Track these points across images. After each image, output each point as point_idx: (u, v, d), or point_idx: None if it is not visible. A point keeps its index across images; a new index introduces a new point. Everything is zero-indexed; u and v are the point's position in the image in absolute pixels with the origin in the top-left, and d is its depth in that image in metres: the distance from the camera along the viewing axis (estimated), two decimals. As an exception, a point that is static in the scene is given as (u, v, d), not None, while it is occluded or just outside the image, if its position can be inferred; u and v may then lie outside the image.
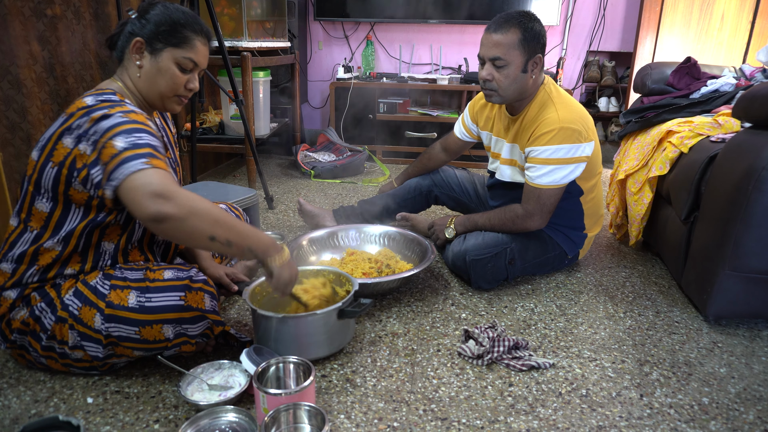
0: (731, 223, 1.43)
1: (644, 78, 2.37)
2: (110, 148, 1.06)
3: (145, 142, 1.08)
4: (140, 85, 1.22)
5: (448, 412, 1.18)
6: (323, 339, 1.31)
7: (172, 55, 1.20)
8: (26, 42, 1.80)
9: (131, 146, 1.05)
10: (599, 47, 3.75)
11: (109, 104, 1.12)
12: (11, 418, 1.12)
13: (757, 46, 3.23)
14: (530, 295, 1.74)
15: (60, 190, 1.14)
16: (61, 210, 1.16)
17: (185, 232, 1.04)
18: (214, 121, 3.00)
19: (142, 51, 1.20)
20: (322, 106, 4.10)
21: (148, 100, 1.25)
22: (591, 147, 1.64)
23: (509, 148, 1.76)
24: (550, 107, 1.62)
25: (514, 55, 1.56)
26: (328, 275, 1.48)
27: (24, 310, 1.18)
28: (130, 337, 1.15)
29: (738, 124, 1.81)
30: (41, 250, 1.17)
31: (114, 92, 1.18)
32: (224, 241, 1.06)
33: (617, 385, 1.29)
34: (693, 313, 1.65)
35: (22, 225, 1.18)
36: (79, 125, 1.11)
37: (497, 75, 1.60)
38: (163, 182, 1.02)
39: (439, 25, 3.77)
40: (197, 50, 1.23)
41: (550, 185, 1.61)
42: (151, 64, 1.20)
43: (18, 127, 1.79)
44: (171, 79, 1.22)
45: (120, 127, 1.08)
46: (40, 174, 1.15)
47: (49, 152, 1.14)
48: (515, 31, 1.54)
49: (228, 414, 1.10)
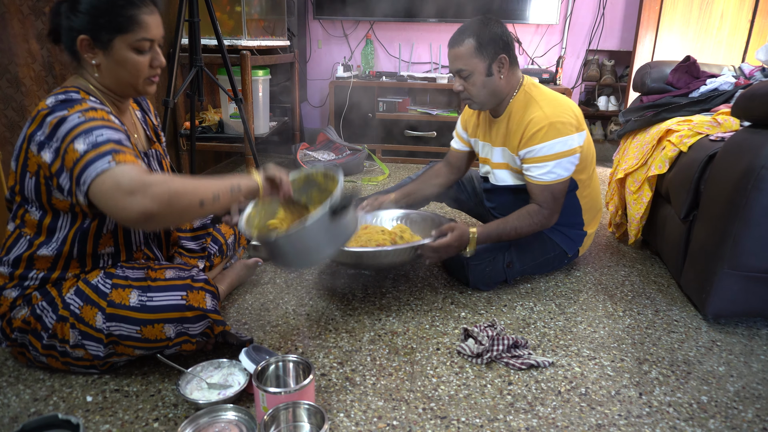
0: (730, 221, 1.43)
1: (643, 77, 2.37)
2: (72, 152, 1.01)
3: (106, 138, 1.03)
4: (104, 81, 1.16)
5: (447, 410, 1.18)
6: (327, 239, 1.26)
7: (124, 43, 1.11)
8: (25, 40, 1.80)
9: (92, 146, 1.01)
10: (598, 46, 3.75)
11: (68, 104, 1.07)
12: (10, 417, 1.12)
13: (756, 45, 3.23)
14: (529, 293, 1.74)
15: (43, 200, 1.12)
16: (51, 217, 1.15)
17: (176, 216, 1.03)
18: (213, 119, 3.00)
19: (93, 48, 1.11)
20: (321, 105, 4.10)
21: (117, 92, 1.19)
22: (582, 136, 1.65)
23: (500, 152, 1.76)
24: (533, 106, 1.63)
25: (474, 63, 1.60)
26: (317, 176, 1.42)
27: (25, 309, 1.17)
28: (131, 336, 1.15)
29: (737, 122, 1.81)
30: (35, 257, 1.16)
31: (77, 90, 1.12)
32: (211, 199, 1.05)
33: (616, 384, 1.29)
34: (692, 312, 1.65)
35: (17, 231, 1.18)
36: (41, 132, 1.06)
37: (466, 85, 1.64)
38: (132, 177, 0.97)
39: (438, 24, 3.77)
40: (147, 26, 1.12)
41: (557, 180, 1.62)
42: (107, 60, 1.12)
43: (17, 125, 1.79)
44: (133, 67, 1.14)
45: (78, 128, 1.03)
46: (21, 185, 1.12)
47: (23, 162, 1.11)
48: (469, 41, 1.59)
49: (227, 412, 1.10)
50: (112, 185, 0.97)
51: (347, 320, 1.54)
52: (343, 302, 1.65)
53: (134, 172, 0.99)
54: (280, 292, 1.71)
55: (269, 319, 1.54)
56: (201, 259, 1.54)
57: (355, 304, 1.64)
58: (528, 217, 1.65)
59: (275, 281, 1.79)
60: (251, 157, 2.61)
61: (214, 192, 1.06)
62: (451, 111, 3.53)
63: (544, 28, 3.74)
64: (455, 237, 1.56)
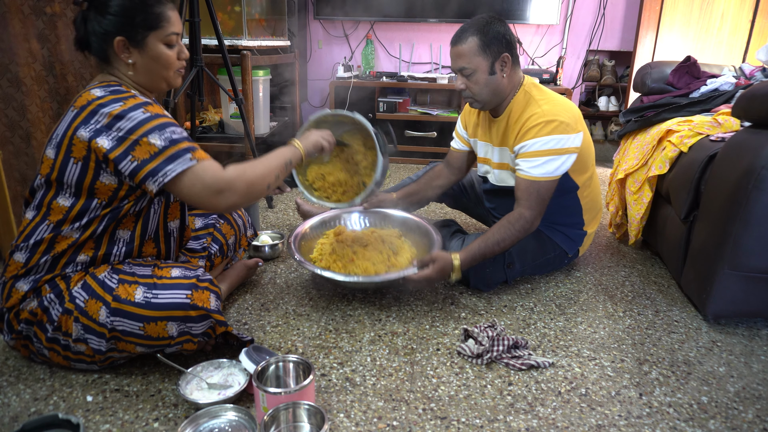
0: (731, 222, 1.43)
1: (644, 77, 2.37)
2: (147, 145, 1.10)
3: (180, 136, 1.14)
4: (138, 79, 1.22)
5: (447, 411, 1.18)
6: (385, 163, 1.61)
7: (156, 39, 1.18)
8: (26, 40, 1.80)
9: (170, 143, 1.12)
10: (599, 46, 3.75)
11: (121, 96, 1.13)
12: (11, 416, 1.12)
13: (756, 45, 3.23)
14: (530, 294, 1.74)
15: (85, 184, 1.15)
16: (83, 203, 1.17)
17: (251, 200, 1.22)
18: (213, 119, 3.00)
19: (128, 48, 1.17)
20: (321, 105, 4.10)
21: (149, 87, 1.25)
22: (580, 138, 1.63)
23: (499, 152, 1.76)
24: (533, 105, 1.62)
25: (477, 62, 1.59)
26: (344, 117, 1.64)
27: (34, 301, 1.19)
28: (133, 333, 1.16)
29: (738, 123, 1.81)
30: (59, 238, 1.18)
31: (119, 83, 1.18)
32: (274, 181, 1.26)
33: (616, 384, 1.29)
34: (692, 312, 1.65)
35: (39, 218, 1.19)
36: (96, 120, 1.11)
37: (468, 83, 1.63)
38: (216, 176, 1.14)
39: (438, 24, 3.77)
40: (174, 20, 1.20)
41: (545, 177, 1.59)
42: (141, 57, 1.18)
43: (17, 125, 1.79)
44: (166, 61, 1.21)
45: (149, 123, 1.11)
46: (61, 171, 1.15)
47: (67, 148, 1.14)
48: (473, 39, 1.58)
49: (227, 413, 1.10)
50: (200, 185, 1.13)
51: (347, 320, 1.54)
52: (344, 302, 1.65)
53: (215, 169, 1.15)
54: (281, 292, 1.71)
55: (269, 319, 1.54)
56: (202, 258, 1.54)
57: (356, 305, 1.64)
58: (509, 226, 1.58)
59: (275, 281, 1.79)
60: (251, 157, 2.61)
61: (276, 173, 1.26)
62: (451, 111, 3.53)
63: (544, 29, 3.74)
64: (436, 269, 1.52)
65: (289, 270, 1.88)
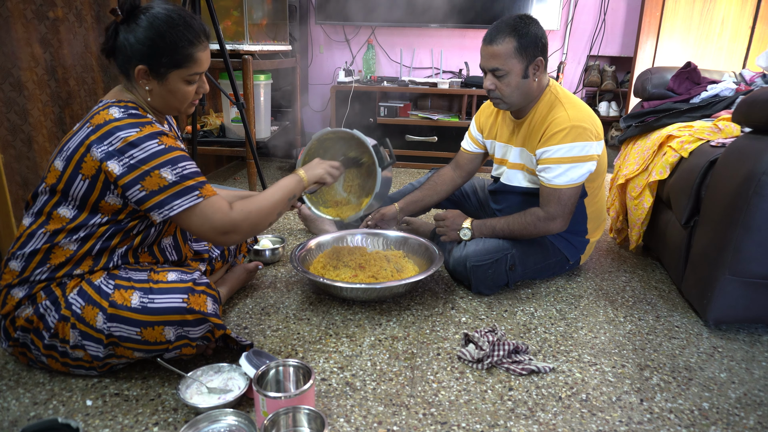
0: (731, 227, 1.43)
1: (644, 82, 2.38)
2: (157, 178, 1.12)
3: (192, 171, 1.16)
4: (154, 103, 1.23)
5: (447, 416, 1.17)
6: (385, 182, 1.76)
7: (178, 77, 1.20)
8: (28, 44, 1.80)
9: (180, 178, 1.14)
10: (599, 52, 3.76)
11: (138, 122, 1.14)
12: (10, 421, 1.12)
13: (757, 51, 3.24)
14: (530, 299, 1.74)
15: (91, 200, 1.16)
16: (85, 217, 1.18)
17: (253, 235, 1.31)
18: (214, 123, 3.01)
19: (148, 76, 1.18)
20: (322, 110, 4.11)
21: (162, 111, 1.27)
22: (601, 146, 1.64)
23: (518, 153, 1.75)
24: (558, 107, 1.61)
25: (512, 64, 1.56)
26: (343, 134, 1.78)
27: (29, 308, 1.18)
28: (131, 338, 1.15)
29: (738, 128, 1.81)
30: (55, 249, 1.18)
31: (136, 106, 1.19)
32: (276, 217, 1.31)
33: (617, 390, 1.29)
34: (693, 318, 1.65)
35: (36, 225, 1.19)
36: (110, 142, 1.12)
37: (499, 84, 1.60)
38: (223, 219, 1.17)
39: (439, 29, 3.78)
40: (200, 62, 1.21)
41: (568, 184, 1.60)
42: (160, 87, 1.20)
43: (19, 129, 1.80)
44: (183, 96, 1.23)
45: (163, 156, 1.13)
46: (68, 184, 1.15)
47: (77, 164, 1.14)
48: (510, 40, 1.54)
49: (227, 417, 1.09)
50: (208, 224, 1.17)
51: (348, 325, 1.54)
52: (344, 307, 1.65)
53: (222, 210, 1.18)
54: (281, 296, 1.71)
55: (269, 324, 1.54)
56: (202, 262, 1.54)
57: (356, 309, 1.64)
58: (524, 216, 1.67)
59: (276, 285, 1.79)
60: (252, 161, 2.61)
61: (279, 210, 1.31)
62: (451, 116, 3.54)
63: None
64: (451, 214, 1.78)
65: (289, 274, 1.88)
